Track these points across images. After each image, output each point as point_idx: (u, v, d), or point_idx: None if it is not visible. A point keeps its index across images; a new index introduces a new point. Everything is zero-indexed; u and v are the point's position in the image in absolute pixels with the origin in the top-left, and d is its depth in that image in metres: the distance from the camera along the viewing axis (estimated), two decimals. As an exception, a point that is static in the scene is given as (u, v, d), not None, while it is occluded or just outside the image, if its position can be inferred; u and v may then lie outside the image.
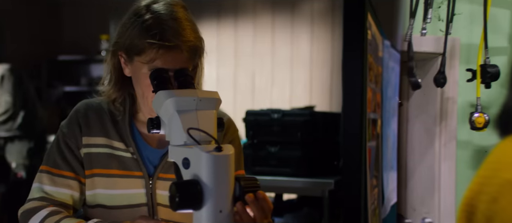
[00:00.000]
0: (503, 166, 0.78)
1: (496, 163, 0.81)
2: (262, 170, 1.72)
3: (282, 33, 2.99)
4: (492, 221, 0.76)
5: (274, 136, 1.69)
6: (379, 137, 1.40)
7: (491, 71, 1.74)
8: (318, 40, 2.84)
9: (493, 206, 0.76)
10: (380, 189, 1.48)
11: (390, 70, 1.47)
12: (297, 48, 2.97)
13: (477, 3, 1.86)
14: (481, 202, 0.78)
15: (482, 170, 0.82)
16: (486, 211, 0.77)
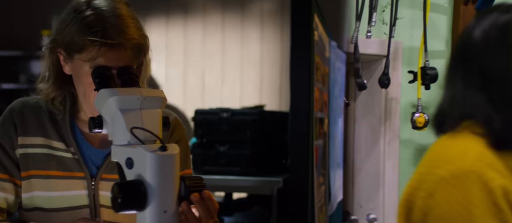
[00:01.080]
0: (438, 163, 0.81)
1: (432, 160, 0.84)
2: (211, 169, 1.72)
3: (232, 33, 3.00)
4: (428, 215, 0.79)
5: (223, 135, 1.69)
6: (326, 135, 1.43)
7: (431, 74, 1.83)
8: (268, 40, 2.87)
9: (429, 201, 0.79)
10: (327, 187, 1.52)
11: (336, 70, 1.50)
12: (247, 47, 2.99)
13: (418, 8, 1.95)
14: (418, 197, 0.81)
15: (420, 167, 0.85)
16: (423, 206, 0.80)
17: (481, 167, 0.77)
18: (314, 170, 1.21)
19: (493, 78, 0.80)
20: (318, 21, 1.03)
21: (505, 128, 0.79)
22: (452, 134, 0.84)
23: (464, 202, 0.75)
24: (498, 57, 0.80)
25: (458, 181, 0.76)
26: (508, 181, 0.77)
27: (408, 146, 2.05)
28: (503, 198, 0.74)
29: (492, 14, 0.83)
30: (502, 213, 0.74)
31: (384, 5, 1.94)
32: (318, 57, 1.10)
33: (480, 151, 0.79)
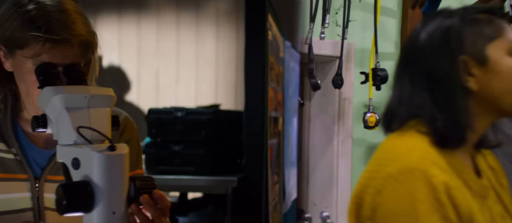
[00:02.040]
0: (386, 161, 0.84)
1: (380, 158, 0.87)
2: (165, 169, 1.70)
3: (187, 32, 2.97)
4: (376, 211, 0.82)
5: (178, 134, 1.67)
6: (280, 135, 1.44)
7: (381, 75, 1.88)
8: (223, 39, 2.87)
9: (377, 198, 0.82)
10: (281, 185, 1.53)
11: (291, 70, 1.52)
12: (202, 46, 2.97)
13: (369, 11, 2.01)
14: (367, 194, 0.83)
15: (369, 166, 0.88)
16: (372, 202, 0.82)
17: (426, 164, 0.80)
18: (269, 169, 1.22)
19: (437, 80, 0.84)
20: (272, 21, 1.04)
21: (447, 127, 0.83)
22: (399, 132, 0.87)
23: (410, 198, 0.78)
24: (441, 60, 0.84)
25: (404, 178, 0.79)
26: (450, 177, 0.81)
27: (360, 145, 2.10)
28: (444, 194, 0.78)
29: (436, 19, 0.87)
30: (444, 208, 0.78)
31: (337, 8, 1.98)
32: (272, 57, 1.11)
33: (425, 149, 0.82)
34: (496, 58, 0.83)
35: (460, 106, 0.82)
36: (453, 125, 0.83)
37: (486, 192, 0.88)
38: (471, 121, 0.83)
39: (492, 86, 0.83)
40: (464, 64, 0.82)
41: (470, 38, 0.83)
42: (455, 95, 0.82)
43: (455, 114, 0.82)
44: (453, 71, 0.82)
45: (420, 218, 0.77)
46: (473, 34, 0.84)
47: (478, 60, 0.83)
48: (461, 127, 0.83)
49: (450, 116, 0.83)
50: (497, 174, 0.94)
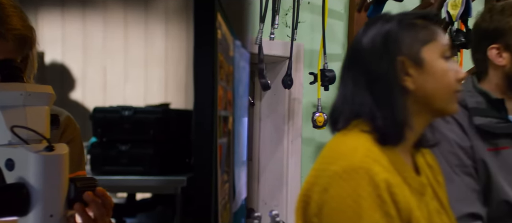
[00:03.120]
0: (332, 160, 0.87)
1: (327, 157, 0.90)
2: (112, 169, 1.66)
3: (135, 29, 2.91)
4: (323, 209, 0.84)
5: (125, 133, 1.63)
6: (230, 134, 1.45)
7: (329, 75, 1.94)
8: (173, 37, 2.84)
9: (323, 195, 0.84)
10: (231, 184, 1.54)
11: (241, 69, 1.53)
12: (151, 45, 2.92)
13: (317, 13, 2.05)
14: (314, 192, 0.86)
15: (316, 164, 0.91)
16: (318, 200, 0.85)
17: (369, 162, 0.83)
18: (218, 168, 1.22)
19: (377, 80, 0.88)
20: (221, 20, 1.04)
21: (387, 125, 0.87)
22: (344, 132, 0.91)
23: (354, 195, 0.81)
24: (380, 61, 0.89)
25: (349, 176, 0.82)
26: (391, 174, 0.85)
27: (310, 144, 2.14)
28: (386, 191, 0.82)
29: (376, 23, 0.92)
30: (385, 204, 0.81)
31: (286, 9, 2.01)
32: (222, 55, 1.11)
33: (368, 148, 0.86)
34: (431, 60, 0.89)
35: (399, 105, 0.87)
36: (392, 122, 0.87)
37: (424, 189, 0.93)
38: (409, 118, 0.88)
39: (427, 87, 0.89)
40: (402, 64, 0.87)
41: (407, 41, 0.88)
42: (394, 94, 0.87)
43: (394, 111, 0.87)
44: (392, 71, 0.88)
45: (363, 214, 0.80)
46: (410, 37, 0.89)
47: (414, 61, 0.88)
48: (399, 124, 0.88)
49: (389, 113, 0.87)
50: (434, 171, 1.00)
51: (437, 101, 0.91)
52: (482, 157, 1.18)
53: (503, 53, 1.21)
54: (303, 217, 0.89)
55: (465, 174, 1.18)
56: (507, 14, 1.20)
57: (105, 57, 2.90)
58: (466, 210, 1.15)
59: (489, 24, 1.22)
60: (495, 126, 1.19)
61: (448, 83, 0.91)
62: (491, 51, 1.22)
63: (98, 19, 2.92)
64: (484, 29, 1.23)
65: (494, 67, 1.23)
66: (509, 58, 1.20)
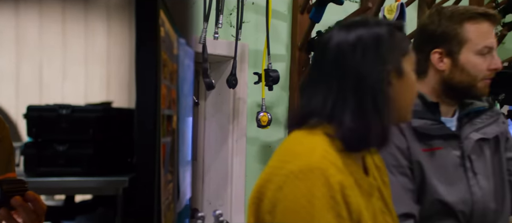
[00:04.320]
0: (289, 158, 0.88)
1: (284, 155, 0.90)
2: (48, 171, 1.58)
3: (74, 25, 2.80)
4: (276, 207, 0.85)
5: (62, 133, 1.56)
6: (175, 133, 1.43)
7: (273, 76, 1.97)
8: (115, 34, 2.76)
9: (278, 194, 0.85)
10: (175, 184, 1.52)
11: (186, 67, 1.51)
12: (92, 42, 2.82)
13: (261, 14, 2.08)
14: (268, 190, 0.87)
15: (272, 161, 0.91)
16: (272, 198, 0.86)
17: (325, 164, 0.85)
18: (161, 168, 1.21)
19: (362, 86, 0.88)
20: (164, 18, 1.03)
21: (352, 132, 0.88)
22: (304, 131, 0.92)
23: (308, 195, 0.83)
24: (367, 67, 0.89)
25: (305, 176, 0.83)
26: (345, 176, 0.87)
27: (254, 143, 2.16)
28: (339, 193, 0.84)
29: (358, 27, 0.92)
30: (338, 205, 0.84)
31: (231, 9, 2.02)
32: (166, 53, 1.10)
33: (325, 150, 0.87)
34: (408, 71, 0.92)
35: (384, 109, 0.88)
36: (377, 125, 0.87)
37: (372, 190, 0.96)
38: (387, 131, 0.89)
39: (402, 97, 0.91)
40: (388, 73, 0.89)
41: (394, 49, 0.90)
42: (382, 99, 0.88)
43: (379, 115, 0.87)
44: (382, 78, 0.87)
45: (316, 215, 0.82)
46: (394, 47, 0.90)
47: (397, 71, 0.90)
48: (382, 127, 0.88)
49: (375, 117, 0.88)
50: (381, 172, 1.04)
51: (404, 111, 0.94)
52: (418, 158, 1.24)
53: (445, 59, 1.27)
54: (256, 213, 0.90)
55: (401, 174, 1.23)
56: (454, 21, 1.24)
57: (41, 53, 2.77)
58: (400, 210, 1.19)
59: (436, 28, 1.26)
60: (430, 128, 1.25)
61: (414, 95, 0.95)
62: (434, 55, 1.28)
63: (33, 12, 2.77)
64: (431, 32, 1.27)
65: (434, 71, 1.29)
66: (449, 64, 1.26)
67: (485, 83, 1.27)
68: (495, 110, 1.36)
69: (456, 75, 1.25)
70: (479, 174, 1.27)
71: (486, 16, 1.25)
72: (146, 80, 1.01)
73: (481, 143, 1.30)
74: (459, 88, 1.27)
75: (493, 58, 1.25)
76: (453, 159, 1.26)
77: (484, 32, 1.25)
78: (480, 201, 1.26)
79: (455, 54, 1.25)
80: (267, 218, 0.87)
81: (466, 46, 1.24)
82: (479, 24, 1.24)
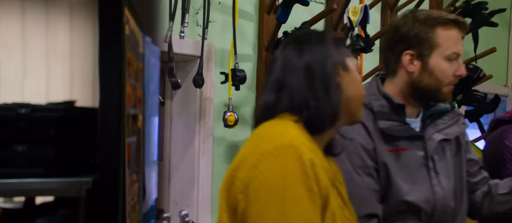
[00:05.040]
0: (262, 140, 0.94)
1: (257, 139, 0.97)
2: (6, 172, 1.52)
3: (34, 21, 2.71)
4: (250, 184, 0.90)
5: (21, 133, 1.50)
6: (140, 132, 1.41)
7: (240, 75, 1.97)
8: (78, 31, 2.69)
9: (252, 172, 0.90)
10: (141, 184, 1.50)
11: (152, 66, 1.50)
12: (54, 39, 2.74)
13: (228, 13, 2.08)
14: (241, 172, 0.92)
15: (244, 149, 0.97)
16: (245, 178, 0.91)
17: (298, 142, 0.92)
18: (126, 168, 1.19)
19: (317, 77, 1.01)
20: (129, 16, 1.02)
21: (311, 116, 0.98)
22: (274, 121, 1.00)
23: (282, 170, 0.89)
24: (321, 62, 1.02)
25: (279, 153, 0.90)
26: (315, 156, 0.94)
27: (221, 143, 2.16)
28: (310, 168, 0.90)
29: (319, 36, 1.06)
30: (309, 180, 0.90)
31: (197, 8, 2.01)
32: (131, 52, 1.09)
33: (296, 133, 0.96)
34: (352, 69, 1.04)
35: (334, 93, 1.00)
36: (328, 108, 0.99)
37: (335, 181, 1.03)
38: (340, 108, 1.01)
39: (349, 88, 1.03)
40: (335, 66, 1.02)
41: (337, 48, 1.04)
42: (331, 84, 1.00)
43: (329, 99, 0.99)
44: (328, 67, 1.01)
45: (289, 188, 0.88)
46: (340, 48, 1.05)
47: (343, 66, 1.03)
48: (333, 110, 1.00)
49: (325, 101, 0.99)
50: (337, 173, 1.09)
51: (353, 105, 1.04)
52: (384, 158, 1.27)
53: (415, 61, 1.30)
54: (227, 197, 0.94)
55: (366, 175, 1.26)
56: (427, 25, 1.27)
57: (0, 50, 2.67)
58: (365, 210, 1.22)
59: (409, 30, 1.29)
60: (396, 129, 1.28)
61: (361, 92, 1.06)
62: (405, 56, 1.31)
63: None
64: (403, 33, 1.30)
65: (404, 72, 1.32)
66: (419, 67, 1.29)
67: (449, 89, 1.30)
68: (456, 112, 1.41)
69: (424, 78, 1.29)
70: (441, 174, 1.31)
71: (456, 23, 1.29)
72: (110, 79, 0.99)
73: (443, 143, 1.34)
74: (425, 91, 1.30)
75: (459, 65, 1.29)
76: (417, 159, 1.30)
77: (454, 39, 1.28)
78: (441, 199, 1.30)
79: (425, 57, 1.28)
80: (239, 197, 0.91)
81: (436, 51, 1.27)
82: (450, 30, 1.28)
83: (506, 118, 1.59)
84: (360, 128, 1.26)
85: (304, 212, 0.87)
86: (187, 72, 2.10)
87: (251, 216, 0.88)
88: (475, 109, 2.49)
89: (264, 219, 0.87)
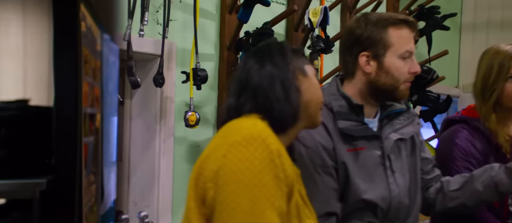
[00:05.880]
0: (232, 133, 0.99)
1: (226, 133, 1.01)
2: (-45, 174, 1.45)
3: (-16, 17, 2.60)
4: (220, 172, 0.94)
5: (-29, 133, 1.44)
6: (98, 132, 1.38)
7: (201, 75, 1.96)
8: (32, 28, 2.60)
9: (221, 160, 0.95)
10: (99, 185, 1.47)
11: (111, 64, 1.46)
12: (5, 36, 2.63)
13: (189, 12, 2.06)
14: (209, 163, 0.97)
15: (212, 142, 1.02)
16: (214, 166, 0.95)
17: (265, 134, 0.98)
18: (83, 169, 1.16)
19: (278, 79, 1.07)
20: (86, 12, 0.99)
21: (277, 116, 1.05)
22: (241, 118, 1.05)
23: (251, 158, 0.93)
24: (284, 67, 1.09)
25: (248, 143, 0.95)
26: (281, 146, 1.00)
27: (182, 143, 2.14)
28: (278, 158, 0.95)
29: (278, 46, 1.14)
30: (276, 168, 0.95)
31: (157, 6, 1.98)
32: (87, 49, 1.06)
33: (264, 125, 1.02)
34: (311, 75, 1.11)
35: (294, 94, 1.06)
36: (288, 108, 1.05)
37: (297, 177, 1.07)
38: (300, 108, 1.07)
39: (308, 92, 1.09)
40: (295, 71, 1.10)
41: (296, 54, 1.13)
42: (291, 87, 1.07)
43: (290, 100, 1.05)
44: (288, 71, 1.08)
45: (258, 174, 0.92)
46: (298, 56, 1.13)
47: (301, 71, 1.11)
48: (294, 110, 1.06)
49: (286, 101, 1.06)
50: (298, 176, 1.12)
51: (312, 108, 1.11)
52: (343, 158, 1.30)
53: (371, 62, 1.34)
54: (195, 188, 0.98)
55: (326, 174, 1.29)
56: (379, 26, 1.32)
57: None
58: (324, 209, 1.25)
59: (363, 32, 1.33)
60: (354, 129, 1.32)
61: (320, 97, 1.12)
62: (361, 57, 1.34)
63: None
64: (357, 35, 1.34)
65: (361, 73, 1.36)
66: (375, 67, 1.33)
67: (406, 86, 1.35)
68: (412, 112, 1.46)
69: (381, 78, 1.33)
70: (396, 172, 1.36)
71: (407, 23, 1.34)
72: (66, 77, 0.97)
73: (399, 142, 1.38)
74: (383, 90, 1.34)
75: (413, 62, 1.34)
76: (375, 158, 1.34)
77: (405, 37, 1.33)
78: (397, 197, 1.35)
79: (380, 57, 1.32)
80: (209, 186, 0.95)
81: (390, 50, 1.32)
82: (401, 30, 1.33)
83: (457, 117, 1.66)
84: (321, 127, 1.29)
85: (272, 197, 0.92)
86: (147, 71, 2.07)
87: (221, 201, 0.92)
88: (429, 109, 2.59)
89: (233, 203, 0.90)
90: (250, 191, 0.91)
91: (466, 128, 1.59)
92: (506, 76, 1.54)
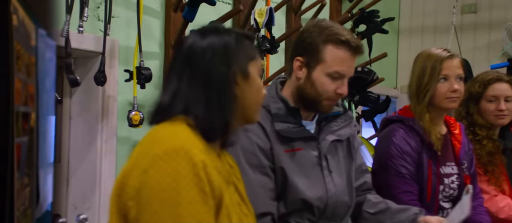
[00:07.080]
0: (152, 145, 0.92)
1: (147, 144, 0.94)
2: None
3: None
4: (141, 190, 0.88)
5: None
6: (33, 132, 1.32)
7: (145, 74, 1.92)
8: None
9: (142, 177, 0.88)
10: (34, 188, 1.40)
11: (47, 61, 1.40)
12: None
13: (133, 9, 2.02)
14: (131, 178, 0.90)
15: (134, 153, 0.95)
16: (136, 183, 0.88)
17: (188, 145, 0.91)
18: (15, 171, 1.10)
19: (213, 83, 0.98)
20: (18, 5, 0.94)
21: (214, 122, 0.97)
22: (165, 123, 0.97)
23: (174, 174, 0.87)
24: (218, 68, 0.99)
25: (169, 157, 0.88)
26: (206, 156, 0.93)
27: (125, 143, 2.08)
28: (202, 170, 0.90)
29: (216, 31, 1.02)
30: (201, 182, 0.89)
31: (99, 2, 1.92)
32: (20, 44, 1.01)
33: (187, 135, 0.94)
34: (253, 75, 1.03)
35: (229, 107, 0.98)
36: (219, 120, 0.98)
37: (230, 178, 1.03)
38: (233, 118, 1.00)
39: (247, 96, 1.01)
40: (233, 74, 0.99)
41: (240, 54, 1.01)
42: (226, 97, 0.98)
43: (224, 111, 0.97)
44: (227, 78, 0.98)
45: (182, 191, 0.87)
46: (242, 52, 1.01)
47: (243, 73, 1.00)
48: (225, 122, 0.98)
49: (219, 112, 0.98)
50: (234, 170, 1.11)
51: (250, 111, 1.04)
52: (280, 158, 1.31)
53: (303, 68, 1.35)
54: (118, 205, 0.91)
55: (262, 174, 1.30)
56: (321, 39, 1.31)
57: None
58: (260, 209, 1.26)
59: (307, 37, 1.33)
60: (291, 131, 1.33)
61: (260, 98, 1.06)
62: (296, 61, 1.36)
63: None
64: (301, 39, 1.34)
65: (294, 77, 1.38)
66: (305, 75, 1.34)
67: (329, 103, 1.35)
68: (348, 115, 1.50)
69: (307, 87, 1.34)
70: (333, 172, 1.39)
71: (348, 45, 1.31)
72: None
73: (336, 143, 1.42)
74: (307, 99, 1.35)
75: (342, 84, 1.33)
76: (312, 158, 1.36)
77: (340, 59, 1.31)
78: (334, 196, 1.38)
79: (311, 68, 1.33)
80: (130, 205, 0.89)
81: (321, 65, 1.32)
82: (339, 50, 1.31)
83: (395, 117, 1.74)
84: (258, 128, 1.30)
85: (198, 214, 0.87)
86: (88, 69, 2.00)
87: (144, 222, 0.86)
88: (370, 109, 2.69)
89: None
90: (174, 211, 0.86)
91: (402, 127, 1.66)
92: (438, 77, 1.62)
